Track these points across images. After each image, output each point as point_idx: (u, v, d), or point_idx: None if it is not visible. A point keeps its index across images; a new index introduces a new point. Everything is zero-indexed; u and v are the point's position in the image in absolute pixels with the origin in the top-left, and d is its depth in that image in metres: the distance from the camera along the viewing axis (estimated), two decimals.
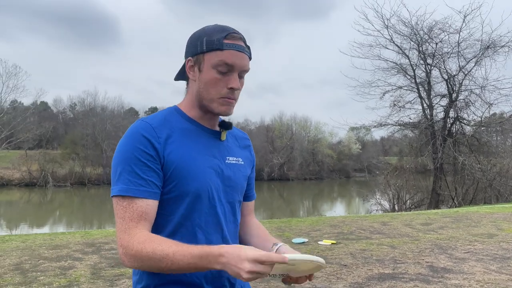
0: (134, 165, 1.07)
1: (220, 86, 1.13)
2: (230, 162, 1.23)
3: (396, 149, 31.15)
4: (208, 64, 1.13)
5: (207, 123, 1.21)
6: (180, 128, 1.16)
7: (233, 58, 1.12)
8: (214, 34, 1.14)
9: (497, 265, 4.84)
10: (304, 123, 56.25)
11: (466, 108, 18.89)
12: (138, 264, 1.02)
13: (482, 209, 11.23)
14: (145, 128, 1.10)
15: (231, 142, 1.28)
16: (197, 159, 1.13)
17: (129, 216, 1.04)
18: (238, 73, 1.15)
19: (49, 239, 6.41)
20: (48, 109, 56.39)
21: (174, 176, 1.10)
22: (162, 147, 1.09)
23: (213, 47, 1.12)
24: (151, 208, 1.07)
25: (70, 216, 20.77)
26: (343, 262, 4.99)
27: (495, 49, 17.43)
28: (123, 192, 1.06)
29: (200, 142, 1.17)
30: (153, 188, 1.07)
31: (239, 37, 1.15)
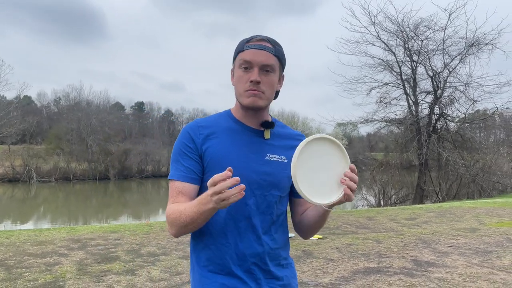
0: (179, 155, 1.32)
1: (244, 81, 1.29)
2: (271, 159, 1.34)
3: (382, 145, 31.46)
4: (236, 66, 1.32)
5: (251, 122, 1.36)
6: (225, 127, 1.35)
7: (251, 55, 1.28)
8: (241, 42, 1.33)
9: (479, 259, 4.96)
10: (291, 118, 56.38)
11: (450, 105, 19.18)
12: (173, 227, 1.25)
13: (465, 204, 11.44)
14: (192, 126, 1.35)
15: (277, 141, 1.39)
16: (232, 153, 1.30)
17: (171, 193, 1.30)
18: (259, 68, 1.28)
19: (34, 235, 6.33)
20: (32, 103, 55.43)
21: (209, 166, 1.29)
22: (201, 142, 1.31)
23: (238, 51, 1.33)
24: (187, 188, 1.29)
25: (55, 212, 20.49)
26: (329, 257, 5.05)
27: (479, 46, 17.70)
28: (170, 176, 1.31)
29: (242, 139, 1.33)
30: (189, 173, 1.29)
31: (260, 38, 1.31)
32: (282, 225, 1.39)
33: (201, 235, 1.31)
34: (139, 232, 6.59)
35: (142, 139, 44.74)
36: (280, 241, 1.37)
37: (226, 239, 1.28)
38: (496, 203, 11.37)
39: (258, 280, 1.29)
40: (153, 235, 6.35)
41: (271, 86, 1.31)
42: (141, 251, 5.28)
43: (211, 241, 1.30)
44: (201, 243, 1.32)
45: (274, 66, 1.30)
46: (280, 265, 1.35)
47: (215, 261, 1.29)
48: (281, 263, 1.36)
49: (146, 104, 66.45)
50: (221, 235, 1.28)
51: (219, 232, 1.29)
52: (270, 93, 1.32)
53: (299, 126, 56.58)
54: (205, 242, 1.31)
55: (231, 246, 1.28)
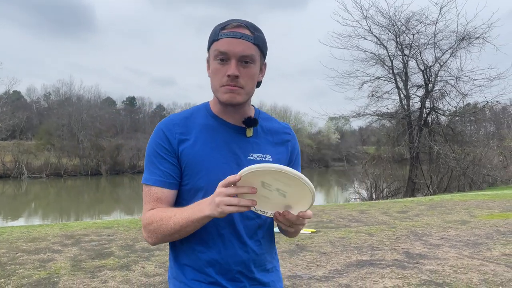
0: (154, 157, 1.19)
1: (220, 74, 1.14)
2: (254, 158, 1.21)
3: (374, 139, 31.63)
4: (211, 57, 1.17)
5: (231, 118, 1.22)
6: (201, 124, 1.21)
7: (227, 45, 1.12)
8: (215, 28, 1.17)
9: (470, 251, 5.04)
10: (284, 113, 56.51)
11: (441, 99, 19.33)
12: (153, 235, 1.14)
13: (456, 197, 11.59)
14: (166, 124, 1.21)
15: (262, 138, 1.26)
16: (211, 155, 1.17)
17: (147, 200, 1.19)
18: (237, 60, 1.13)
19: (27, 231, 6.30)
20: (22, 98, 54.76)
21: (187, 171, 1.18)
22: (176, 143, 1.18)
23: (212, 39, 1.16)
24: (165, 195, 1.18)
25: (46, 208, 20.35)
26: (322, 250, 5.10)
27: (470, 40, 17.83)
28: (144, 180, 1.20)
29: (220, 138, 1.20)
30: (168, 178, 1.17)
31: (237, 24, 1.14)
32: (269, 228, 1.28)
33: (181, 244, 1.20)
34: (133, 228, 6.58)
35: (134, 134, 44.46)
36: (266, 245, 1.27)
37: (208, 248, 1.18)
38: (486, 196, 11.53)
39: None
40: None
41: (251, 79, 1.16)
42: (135, 246, 5.29)
43: (191, 250, 1.19)
44: (182, 252, 1.22)
45: (253, 56, 1.14)
46: (266, 270, 1.26)
47: (197, 270, 1.19)
48: (267, 268, 1.27)
49: (138, 99, 66.02)
50: (202, 244, 1.18)
51: (199, 241, 1.18)
52: (250, 87, 1.17)
53: (291, 121, 56.73)
54: (185, 250, 1.20)
55: (214, 254, 1.18)
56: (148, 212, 1.16)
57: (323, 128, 59.29)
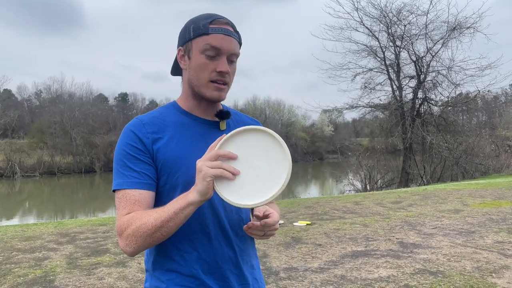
0: (126, 159, 1.11)
1: (209, 70, 1.13)
2: None
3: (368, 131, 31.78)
4: (196, 50, 1.14)
5: (203, 113, 1.21)
6: (173, 122, 1.18)
7: (220, 41, 1.12)
8: (201, 21, 1.15)
9: (463, 239, 5.10)
10: (277, 106, 56.51)
11: (433, 89, 19.42)
12: (133, 241, 1.04)
13: (449, 186, 11.69)
14: (135, 124, 1.14)
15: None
16: (187, 152, 1.14)
17: (123, 205, 1.08)
18: (227, 57, 1.14)
19: (21, 230, 6.28)
20: (12, 97, 54.20)
21: (164, 169, 1.12)
22: (150, 142, 1.12)
23: (199, 32, 1.13)
24: (144, 197, 1.09)
25: (41, 206, 20.25)
26: (318, 242, 5.13)
27: (461, 30, 17.90)
28: (118, 186, 1.10)
29: (194, 134, 1.18)
30: (146, 179, 1.10)
31: (225, 21, 1.15)
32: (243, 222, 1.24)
33: (162, 247, 1.14)
34: None
35: None
36: (248, 241, 1.24)
37: (194, 247, 1.13)
38: (479, 185, 11.65)
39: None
40: None
41: (233, 76, 1.19)
42: None
43: (175, 251, 1.13)
44: (163, 256, 1.15)
45: (238, 54, 1.18)
46: (252, 267, 1.24)
47: (182, 273, 1.13)
48: (252, 263, 1.25)
49: (130, 95, 65.61)
50: (188, 243, 1.13)
51: (185, 240, 1.12)
52: (231, 83, 1.20)
53: (285, 114, 56.77)
54: (168, 253, 1.14)
55: (201, 254, 1.13)
56: (124, 217, 1.06)
57: (317, 120, 59.42)
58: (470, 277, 3.67)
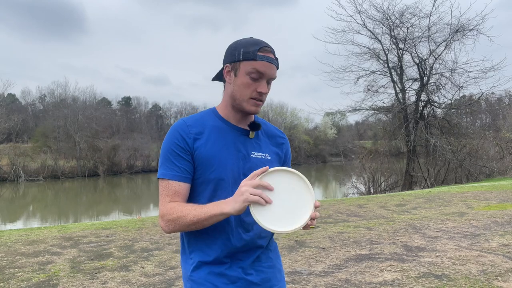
0: (171, 155, 1.36)
1: (251, 89, 1.36)
2: (255, 156, 1.43)
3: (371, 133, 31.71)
4: (243, 71, 1.36)
5: (238, 122, 1.44)
6: (212, 126, 1.41)
7: (264, 68, 1.34)
8: (250, 47, 1.36)
9: (468, 242, 5.06)
10: (280, 109, 56.55)
11: (437, 91, 19.38)
12: (171, 225, 1.31)
13: (453, 189, 11.63)
14: (181, 125, 1.39)
15: (262, 140, 1.49)
16: (221, 152, 1.37)
17: (166, 193, 1.35)
18: (266, 80, 1.37)
19: (25, 234, 6.28)
20: (16, 101, 54.51)
21: (200, 165, 1.36)
22: (192, 142, 1.37)
23: (248, 57, 1.35)
24: (182, 188, 1.35)
25: (44, 210, 20.31)
26: (321, 245, 5.11)
27: (464, 32, 17.87)
28: (162, 175, 1.36)
29: (228, 138, 1.40)
30: (184, 173, 1.35)
31: (270, 50, 1.37)
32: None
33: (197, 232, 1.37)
34: (131, 228, 6.57)
35: (131, 134, 44.36)
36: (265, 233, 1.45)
37: (220, 234, 1.36)
38: (483, 187, 11.59)
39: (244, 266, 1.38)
40: (146, 231, 6.34)
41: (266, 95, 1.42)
42: (134, 246, 5.28)
43: (205, 236, 1.37)
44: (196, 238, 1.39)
45: (275, 79, 1.41)
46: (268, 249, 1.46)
47: (207, 254, 1.37)
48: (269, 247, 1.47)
49: (133, 99, 65.84)
50: (215, 232, 1.35)
51: (213, 229, 1.34)
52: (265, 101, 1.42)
53: (287, 117, 56.76)
54: (200, 237, 1.38)
55: (224, 240, 1.35)
56: (168, 204, 1.33)
57: (320, 123, 59.38)
58: (475, 281, 3.64)
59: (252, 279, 1.39)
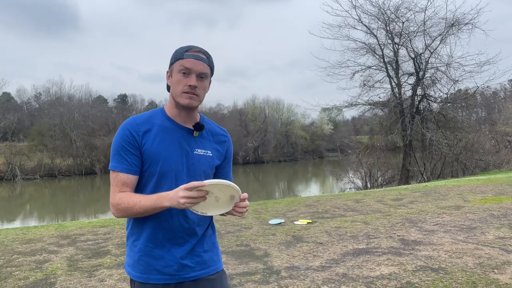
0: (121, 149, 1.52)
1: (182, 84, 1.53)
2: (198, 153, 1.59)
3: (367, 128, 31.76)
4: (175, 70, 1.55)
5: (183, 121, 1.59)
6: (159, 125, 1.57)
7: (191, 64, 1.51)
8: (180, 50, 1.56)
9: (464, 235, 5.09)
10: (276, 105, 56.42)
11: (432, 86, 19.43)
12: (121, 213, 1.48)
13: (449, 183, 11.68)
14: (131, 123, 1.55)
15: (205, 137, 1.64)
16: (167, 149, 1.54)
17: (115, 183, 1.51)
18: (197, 75, 1.52)
19: (22, 233, 6.27)
20: (12, 100, 54.17)
21: (148, 160, 1.53)
22: (140, 138, 1.53)
23: (177, 57, 1.55)
24: (130, 180, 1.52)
25: (42, 209, 20.25)
26: (319, 240, 5.12)
27: (459, 26, 17.90)
28: (113, 167, 1.52)
29: (174, 136, 1.56)
30: (133, 167, 1.51)
31: (198, 50, 1.55)
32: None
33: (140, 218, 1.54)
34: None
35: None
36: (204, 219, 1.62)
37: (160, 222, 1.52)
38: (479, 180, 11.64)
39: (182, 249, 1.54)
40: None
41: (204, 90, 1.57)
42: None
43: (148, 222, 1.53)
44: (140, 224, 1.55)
45: (207, 74, 1.56)
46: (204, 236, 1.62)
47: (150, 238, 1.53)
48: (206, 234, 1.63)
49: (130, 97, 65.66)
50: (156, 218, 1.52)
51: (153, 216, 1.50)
52: (203, 96, 1.57)
53: (284, 113, 56.68)
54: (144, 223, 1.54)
55: (164, 225, 1.52)
56: (118, 194, 1.49)
57: (316, 119, 59.38)
58: (472, 274, 3.67)
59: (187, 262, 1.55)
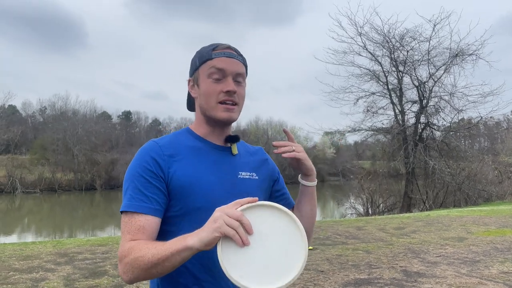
0: (138, 182, 1.09)
1: (217, 92, 1.15)
2: (243, 177, 1.21)
3: (369, 154, 31.69)
4: (203, 76, 1.17)
5: (217, 139, 1.22)
6: (188, 146, 1.17)
7: (223, 63, 1.15)
8: (204, 50, 1.20)
9: (468, 269, 5.00)
10: (279, 127, 56.64)
11: (436, 114, 19.47)
12: (129, 270, 1.01)
13: (452, 213, 11.57)
14: (151, 146, 1.14)
15: (245, 157, 1.27)
16: (204, 176, 1.13)
17: (128, 230, 1.06)
18: (232, 78, 1.16)
19: (19, 249, 6.20)
20: (17, 112, 54.60)
21: (179, 193, 1.10)
22: (166, 165, 1.11)
23: (203, 59, 1.18)
24: (150, 223, 1.06)
25: (40, 223, 20.09)
26: (320, 268, 5.04)
27: (463, 57, 18.05)
28: (125, 207, 1.08)
29: (210, 159, 1.17)
30: (154, 205, 1.08)
31: (227, 46, 1.19)
32: None
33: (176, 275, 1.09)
34: None
35: (130, 148, 44.24)
36: None
37: (212, 275, 1.10)
38: (483, 212, 11.53)
39: None
40: None
41: (243, 97, 1.20)
42: None
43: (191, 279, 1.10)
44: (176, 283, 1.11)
45: (244, 75, 1.20)
46: None
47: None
48: None
49: (133, 113, 66.03)
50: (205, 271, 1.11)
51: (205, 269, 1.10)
52: (242, 105, 1.20)
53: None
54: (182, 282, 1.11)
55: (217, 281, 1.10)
56: (127, 243, 1.03)
57: (319, 142, 59.43)
58: None
59: None
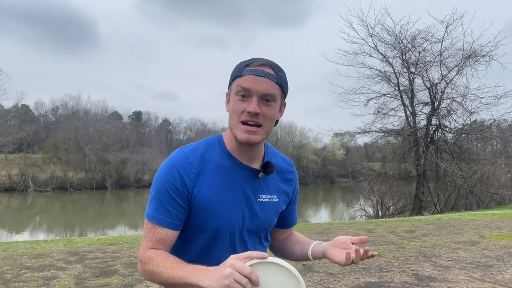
0: (164, 196, 1.16)
1: (239, 110, 1.14)
2: (263, 200, 1.24)
3: (380, 155, 31.54)
4: (233, 93, 1.17)
5: (245, 157, 1.22)
6: (216, 164, 1.20)
7: (249, 82, 1.12)
8: (239, 65, 1.18)
9: (480, 273, 4.93)
10: (289, 128, 56.58)
11: (448, 116, 19.28)
12: (147, 275, 1.17)
13: (464, 216, 11.43)
14: (181, 161, 1.18)
15: (270, 177, 1.27)
16: (224, 200, 1.18)
17: (149, 237, 1.18)
18: (259, 97, 1.13)
19: (31, 247, 6.27)
20: (30, 112, 55.40)
21: (199, 212, 1.17)
22: (192, 184, 1.16)
23: (234, 75, 1.17)
24: (169, 236, 1.17)
25: (51, 222, 20.35)
26: (329, 271, 5.01)
27: (476, 58, 17.85)
28: (149, 217, 1.18)
29: (234, 180, 1.20)
30: (175, 220, 1.17)
31: (261, 63, 1.15)
32: None
33: None
34: (138, 245, 6.53)
35: (140, 148, 44.70)
36: None
37: None
38: (495, 215, 11.37)
39: None
40: None
41: (271, 118, 1.16)
42: None
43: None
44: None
45: (275, 96, 1.15)
46: None
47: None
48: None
49: (144, 114, 66.55)
50: None
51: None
52: (269, 126, 1.17)
53: (296, 136, 56.79)
54: None
55: None
56: (148, 251, 1.16)
57: (328, 144, 59.22)
58: None
59: None
